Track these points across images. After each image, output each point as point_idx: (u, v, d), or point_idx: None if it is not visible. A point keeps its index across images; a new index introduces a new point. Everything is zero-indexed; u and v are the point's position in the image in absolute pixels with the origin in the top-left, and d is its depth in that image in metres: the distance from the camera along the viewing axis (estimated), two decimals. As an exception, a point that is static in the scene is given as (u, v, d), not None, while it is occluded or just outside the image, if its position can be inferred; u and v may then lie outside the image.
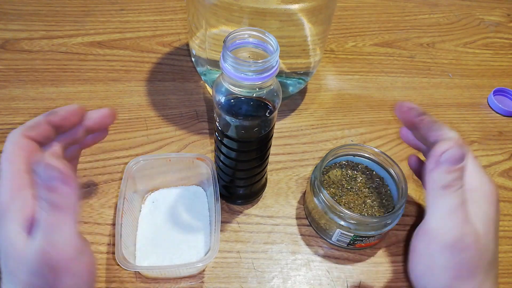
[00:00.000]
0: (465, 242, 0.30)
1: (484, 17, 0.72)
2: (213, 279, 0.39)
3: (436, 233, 0.31)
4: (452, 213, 0.30)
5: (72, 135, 0.36)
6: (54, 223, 0.29)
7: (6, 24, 0.62)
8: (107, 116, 0.37)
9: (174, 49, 0.61)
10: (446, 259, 0.31)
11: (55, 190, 0.29)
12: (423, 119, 0.34)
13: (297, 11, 0.44)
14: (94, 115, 0.37)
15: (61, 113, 0.34)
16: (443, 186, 0.30)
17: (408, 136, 0.39)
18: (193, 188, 0.45)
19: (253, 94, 0.33)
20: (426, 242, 0.31)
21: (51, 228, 0.29)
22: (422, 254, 0.32)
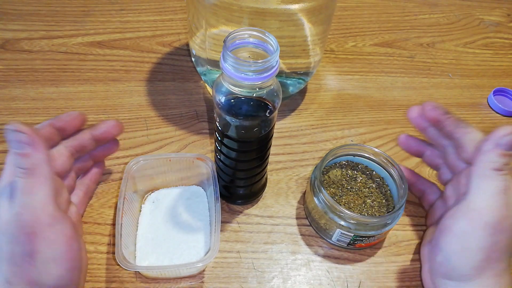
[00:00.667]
0: (504, 224, 0.32)
1: (484, 17, 0.72)
2: (213, 279, 0.39)
3: (480, 212, 0.33)
4: (497, 195, 0.32)
5: (78, 141, 0.38)
6: (27, 187, 0.31)
7: (6, 24, 0.62)
8: (113, 127, 0.40)
9: (174, 49, 0.61)
10: (484, 239, 0.32)
11: (25, 155, 0.31)
12: (450, 117, 0.38)
13: (297, 11, 0.44)
14: (101, 125, 0.39)
15: (63, 117, 0.37)
16: (494, 168, 0.33)
17: (408, 142, 0.43)
18: (193, 188, 0.45)
19: (253, 94, 0.33)
20: (468, 221, 0.33)
21: (25, 192, 0.31)
22: (459, 234, 0.34)
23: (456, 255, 0.34)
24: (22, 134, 0.31)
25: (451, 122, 0.38)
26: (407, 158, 0.50)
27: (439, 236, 0.35)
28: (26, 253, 0.31)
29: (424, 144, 0.42)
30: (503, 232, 0.32)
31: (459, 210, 0.34)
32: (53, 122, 0.36)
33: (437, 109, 0.38)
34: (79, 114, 0.38)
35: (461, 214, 0.34)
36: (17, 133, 0.31)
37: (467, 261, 0.33)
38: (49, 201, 0.32)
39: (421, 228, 0.44)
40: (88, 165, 0.41)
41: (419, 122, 0.40)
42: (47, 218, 0.31)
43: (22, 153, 0.31)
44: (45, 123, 0.36)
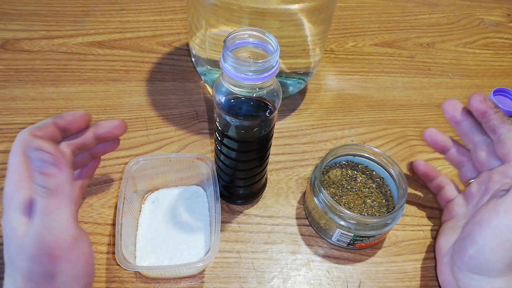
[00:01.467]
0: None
1: (484, 17, 0.72)
2: (213, 279, 0.39)
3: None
4: None
5: (80, 140, 0.37)
6: (49, 208, 0.30)
7: (6, 24, 0.62)
8: (117, 127, 0.38)
9: (174, 49, 0.61)
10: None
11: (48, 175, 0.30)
12: (498, 111, 0.38)
13: (297, 11, 0.44)
14: (105, 125, 0.38)
15: (67, 117, 0.36)
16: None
17: (436, 136, 0.42)
18: (193, 188, 0.45)
19: (253, 94, 0.33)
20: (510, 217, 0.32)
21: (47, 213, 0.30)
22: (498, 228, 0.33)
23: (492, 250, 0.33)
24: (46, 154, 0.30)
25: (497, 117, 0.37)
26: (407, 158, 0.50)
27: (474, 229, 0.34)
28: (47, 274, 0.30)
29: (450, 141, 0.42)
30: None
31: (502, 204, 0.33)
32: (57, 122, 0.35)
33: (486, 102, 0.38)
34: (83, 114, 0.37)
35: (504, 208, 0.33)
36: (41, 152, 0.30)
37: (502, 256, 0.33)
38: (71, 222, 0.31)
39: (420, 228, 0.44)
40: (86, 161, 0.40)
41: (454, 115, 0.40)
42: (69, 239, 0.31)
43: (46, 173, 0.30)
44: (48, 122, 0.35)
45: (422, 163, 0.45)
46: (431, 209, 0.46)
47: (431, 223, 0.45)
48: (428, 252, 0.43)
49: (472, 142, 0.40)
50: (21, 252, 0.30)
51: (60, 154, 0.31)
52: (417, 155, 0.51)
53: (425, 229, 0.44)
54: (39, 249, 0.30)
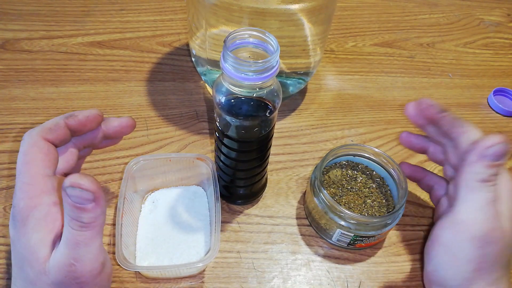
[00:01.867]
0: (492, 236, 0.31)
1: (484, 17, 0.72)
2: (213, 279, 0.39)
3: (467, 224, 0.32)
4: (485, 207, 0.31)
5: (88, 140, 0.36)
6: (80, 240, 0.28)
7: (6, 24, 0.62)
8: (126, 126, 0.37)
9: (174, 49, 0.61)
10: (472, 251, 0.31)
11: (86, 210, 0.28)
12: (445, 115, 0.36)
13: (297, 11, 0.44)
14: (115, 123, 0.37)
15: (80, 117, 0.34)
16: (481, 180, 0.31)
17: (410, 139, 0.41)
18: (193, 188, 0.45)
19: (253, 94, 0.33)
20: (455, 233, 0.32)
21: (78, 245, 0.28)
22: (447, 245, 0.32)
23: (445, 265, 0.33)
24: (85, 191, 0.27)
25: (447, 121, 0.36)
26: (408, 158, 0.50)
27: (429, 245, 0.35)
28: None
29: (426, 140, 0.40)
30: (492, 244, 0.31)
31: (447, 221, 0.33)
32: (70, 123, 0.33)
33: (432, 107, 0.36)
34: (96, 115, 0.35)
35: (448, 225, 0.33)
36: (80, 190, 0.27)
37: (456, 272, 0.32)
38: (101, 250, 0.30)
39: (420, 228, 0.44)
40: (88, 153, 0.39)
41: (417, 120, 0.38)
42: (99, 268, 0.30)
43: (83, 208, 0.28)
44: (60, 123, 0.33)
45: (407, 165, 0.43)
46: (431, 209, 0.46)
47: (431, 223, 0.45)
48: (428, 252, 0.43)
49: (441, 143, 0.39)
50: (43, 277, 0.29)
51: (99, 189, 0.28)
52: (417, 155, 0.51)
53: (425, 229, 0.44)
54: (68, 278, 0.29)
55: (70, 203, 0.28)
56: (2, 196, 0.44)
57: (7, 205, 0.43)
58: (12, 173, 0.46)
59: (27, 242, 0.29)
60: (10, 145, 0.48)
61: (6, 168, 0.46)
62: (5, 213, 0.43)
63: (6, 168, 0.46)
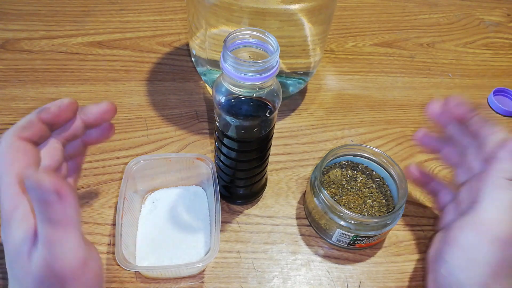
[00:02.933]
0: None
1: (484, 17, 0.72)
2: (213, 279, 0.39)
3: (490, 224, 0.30)
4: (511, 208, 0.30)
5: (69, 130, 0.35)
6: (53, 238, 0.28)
7: (6, 24, 0.62)
8: (106, 111, 0.35)
9: (174, 49, 0.61)
10: (492, 254, 0.30)
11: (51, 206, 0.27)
12: (476, 114, 0.35)
13: (297, 11, 0.44)
14: (93, 110, 0.35)
15: (53, 109, 0.33)
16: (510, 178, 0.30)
17: (426, 138, 0.40)
18: (193, 188, 0.45)
19: (253, 94, 0.33)
20: (475, 233, 0.31)
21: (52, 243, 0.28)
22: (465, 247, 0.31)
23: (461, 269, 0.31)
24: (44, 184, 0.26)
25: (477, 120, 0.35)
26: (407, 158, 0.50)
27: (444, 247, 0.33)
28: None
29: (441, 142, 0.39)
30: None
31: (467, 221, 0.32)
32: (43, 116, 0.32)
33: (463, 106, 0.35)
34: (69, 103, 0.33)
35: (469, 225, 0.31)
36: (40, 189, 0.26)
37: (472, 276, 0.31)
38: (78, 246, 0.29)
39: (420, 228, 0.44)
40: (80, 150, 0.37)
41: (440, 119, 0.37)
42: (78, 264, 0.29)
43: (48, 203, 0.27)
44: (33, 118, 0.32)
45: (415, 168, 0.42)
46: (431, 209, 0.46)
47: (431, 223, 0.45)
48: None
49: (460, 145, 0.37)
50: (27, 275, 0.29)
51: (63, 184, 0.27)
52: (417, 155, 0.51)
53: (425, 229, 0.44)
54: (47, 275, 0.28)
55: (35, 199, 0.27)
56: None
57: (7, 205, 0.43)
58: (12, 173, 0.46)
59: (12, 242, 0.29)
60: (10, 145, 0.48)
61: (6, 168, 0.46)
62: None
63: (6, 168, 0.46)
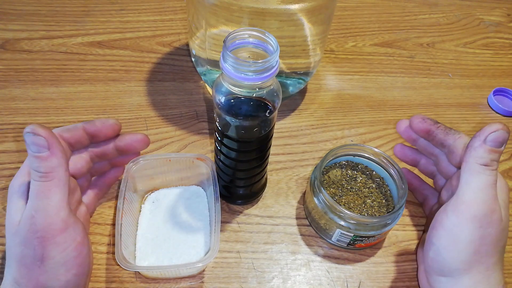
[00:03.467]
0: (492, 217, 0.33)
1: (484, 17, 0.72)
2: (213, 279, 0.39)
3: (468, 204, 0.33)
4: (486, 189, 0.33)
5: (101, 149, 0.38)
6: (41, 190, 0.31)
7: (6, 24, 0.62)
8: (140, 142, 0.39)
9: (174, 49, 0.61)
10: (472, 231, 0.33)
11: (42, 158, 0.31)
12: (439, 126, 0.39)
13: (297, 11, 0.44)
14: (127, 137, 0.39)
15: (98, 123, 0.37)
16: (483, 164, 0.33)
17: (404, 151, 0.44)
18: (193, 188, 0.45)
19: (253, 94, 0.33)
20: (457, 214, 0.34)
21: (39, 196, 0.31)
22: (449, 227, 0.34)
23: (446, 249, 0.34)
24: (40, 137, 0.31)
25: (441, 131, 0.39)
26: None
27: (431, 231, 0.36)
28: (37, 257, 0.31)
29: (418, 153, 0.43)
30: (491, 225, 0.33)
31: (450, 204, 0.35)
32: (87, 127, 0.36)
33: (425, 121, 0.40)
34: (114, 124, 0.38)
35: (451, 208, 0.34)
36: (35, 135, 0.31)
37: (457, 255, 0.34)
38: (62, 206, 0.32)
39: (420, 228, 0.44)
40: (106, 168, 0.41)
41: (409, 135, 0.42)
42: (59, 223, 0.31)
43: (39, 156, 0.31)
44: (78, 126, 0.36)
45: (406, 171, 0.46)
46: (431, 209, 0.46)
47: (431, 223, 0.45)
48: (428, 252, 0.43)
49: (433, 155, 0.41)
50: (15, 237, 0.31)
51: (54, 138, 0.31)
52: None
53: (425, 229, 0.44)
54: (29, 232, 0.31)
55: (30, 154, 0.31)
56: (2, 196, 0.44)
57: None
58: (12, 173, 0.46)
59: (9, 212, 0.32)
60: (10, 145, 0.48)
61: (6, 168, 0.46)
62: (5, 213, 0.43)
63: (6, 168, 0.46)
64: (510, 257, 0.43)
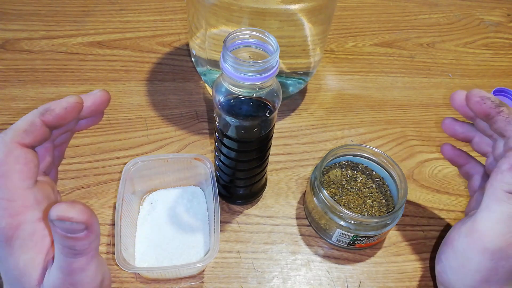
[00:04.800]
0: (508, 251, 0.30)
1: (484, 17, 0.72)
2: (213, 279, 0.39)
3: (483, 235, 0.30)
4: (507, 221, 0.30)
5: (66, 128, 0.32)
6: (77, 267, 0.27)
7: (6, 24, 0.62)
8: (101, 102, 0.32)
9: (174, 49, 0.61)
10: (482, 263, 0.31)
11: (77, 239, 0.25)
12: (501, 110, 0.32)
13: (297, 11, 0.44)
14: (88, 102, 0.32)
15: (58, 111, 0.30)
16: (509, 191, 0.30)
17: (454, 127, 0.37)
18: (192, 189, 0.44)
19: (253, 94, 0.33)
20: (469, 241, 0.31)
21: (74, 272, 0.27)
22: (458, 251, 0.32)
23: (453, 270, 0.32)
24: (74, 224, 0.24)
25: (502, 119, 0.32)
26: (407, 158, 0.50)
27: (442, 246, 0.34)
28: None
29: (472, 129, 0.37)
30: (505, 259, 0.30)
31: (466, 226, 0.32)
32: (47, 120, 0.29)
33: (486, 102, 0.33)
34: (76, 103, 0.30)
35: (465, 231, 0.32)
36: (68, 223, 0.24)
37: (463, 279, 0.32)
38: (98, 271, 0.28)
39: (420, 228, 0.44)
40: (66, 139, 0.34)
41: (466, 111, 0.35)
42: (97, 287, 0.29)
43: (75, 238, 0.25)
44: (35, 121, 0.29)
45: (450, 147, 0.40)
46: (431, 209, 0.46)
47: (431, 223, 0.45)
48: (428, 252, 0.43)
49: (491, 136, 0.35)
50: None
51: (93, 217, 0.26)
52: (417, 155, 0.51)
53: (425, 229, 0.44)
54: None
55: (60, 234, 0.25)
56: None
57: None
58: (12, 173, 0.46)
59: (16, 264, 0.27)
60: (10, 145, 0.48)
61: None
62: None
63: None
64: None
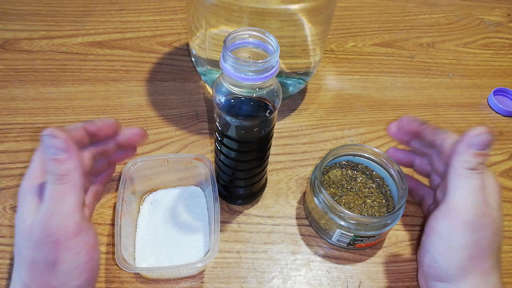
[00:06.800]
0: (484, 221, 0.33)
1: (484, 17, 0.72)
2: (213, 279, 0.39)
3: (459, 210, 0.33)
4: (475, 193, 0.33)
5: (102, 146, 0.38)
6: (57, 193, 0.31)
7: (6, 24, 0.62)
8: (138, 135, 0.39)
9: (174, 49, 0.61)
10: (465, 237, 0.33)
11: (59, 161, 0.31)
12: (427, 126, 0.39)
13: (297, 11, 0.44)
14: (126, 132, 0.39)
15: (98, 123, 0.37)
16: (469, 167, 0.33)
17: (397, 154, 0.43)
18: (191, 189, 0.44)
19: (253, 94, 0.33)
20: (448, 220, 0.34)
21: (54, 199, 0.31)
22: (442, 234, 0.34)
23: (441, 255, 0.34)
24: (57, 139, 0.31)
25: (429, 131, 0.38)
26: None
27: (424, 238, 0.36)
28: (49, 262, 0.30)
29: (412, 154, 0.43)
30: (483, 229, 0.33)
31: (441, 210, 0.35)
32: (87, 126, 0.36)
33: (413, 122, 0.39)
34: (113, 123, 0.38)
35: (442, 214, 0.34)
36: (53, 138, 0.31)
37: (452, 261, 0.34)
38: (77, 209, 0.31)
39: (420, 228, 0.44)
40: (104, 166, 0.41)
41: (400, 137, 0.41)
42: (73, 227, 0.31)
43: (56, 159, 0.31)
44: (78, 126, 0.35)
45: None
46: (431, 209, 0.46)
47: (431, 223, 0.45)
48: (428, 252, 0.43)
49: (426, 154, 0.41)
50: (27, 241, 0.31)
51: (71, 141, 0.32)
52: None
53: (425, 229, 0.44)
54: (43, 235, 0.30)
55: (47, 158, 0.31)
56: (2, 196, 0.44)
57: (7, 205, 0.43)
58: (12, 173, 0.46)
59: (20, 214, 0.32)
60: (10, 145, 0.48)
61: (6, 168, 0.46)
62: (5, 213, 0.43)
63: (6, 168, 0.46)
64: (509, 257, 0.43)
